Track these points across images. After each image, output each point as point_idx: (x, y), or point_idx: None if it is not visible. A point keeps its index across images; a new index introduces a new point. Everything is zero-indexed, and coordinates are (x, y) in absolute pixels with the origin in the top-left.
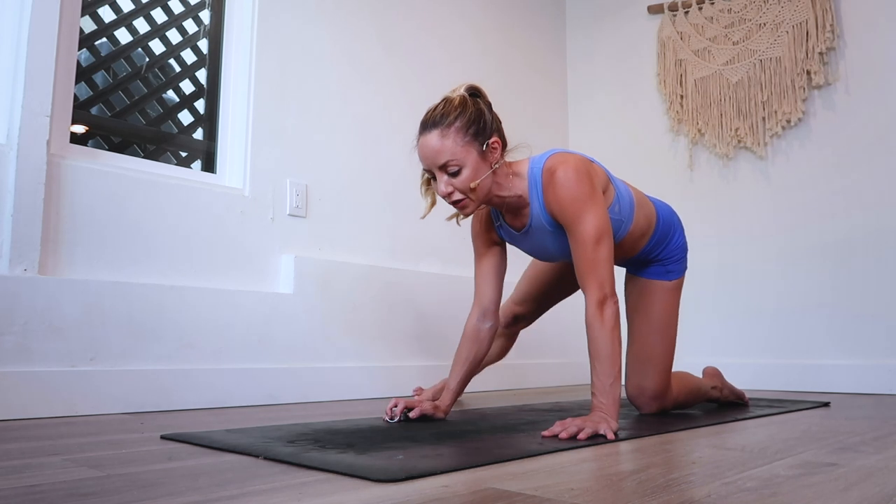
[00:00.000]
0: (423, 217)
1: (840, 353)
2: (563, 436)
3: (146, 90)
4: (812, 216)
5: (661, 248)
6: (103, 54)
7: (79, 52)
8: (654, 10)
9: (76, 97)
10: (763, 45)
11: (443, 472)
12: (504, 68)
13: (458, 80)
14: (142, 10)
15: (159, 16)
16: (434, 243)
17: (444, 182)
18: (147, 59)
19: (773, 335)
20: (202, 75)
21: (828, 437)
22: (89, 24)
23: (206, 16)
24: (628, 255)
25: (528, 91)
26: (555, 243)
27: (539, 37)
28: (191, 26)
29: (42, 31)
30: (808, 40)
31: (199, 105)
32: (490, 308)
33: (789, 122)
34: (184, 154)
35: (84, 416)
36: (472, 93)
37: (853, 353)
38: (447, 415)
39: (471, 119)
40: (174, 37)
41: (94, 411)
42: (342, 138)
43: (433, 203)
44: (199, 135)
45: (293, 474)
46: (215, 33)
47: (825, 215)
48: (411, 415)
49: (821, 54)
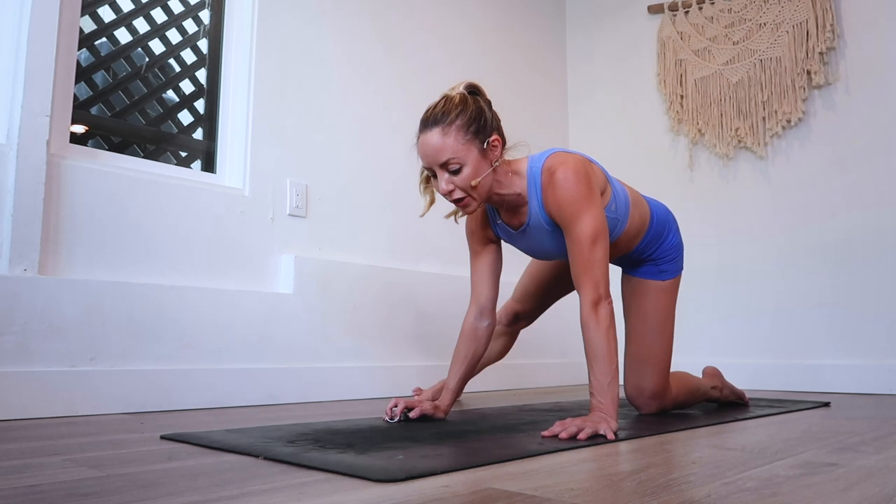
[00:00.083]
0: (423, 215)
1: (840, 353)
2: (563, 436)
3: (146, 90)
4: (812, 216)
5: (655, 247)
6: (103, 54)
7: (79, 52)
8: (654, 9)
9: (76, 97)
10: (763, 45)
11: (443, 472)
12: (504, 68)
13: (459, 80)
14: (142, 10)
15: (159, 16)
16: (434, 243)
17: (444, 180)
18: (147, 59)
19: (773, 335)
20: (202, 75)
21: (828, 437)
22: (89, 24)
23: (206, 16)
24: (622, 252)
25: (529, 91)
26: (552, 242)
27: (539, 37)
28: (191, 26)
29: (42, 31)
30: (808, 40)
31: (199, 105)
32: (487, 306)
33: (789, 122)
34: (184, 154)
35: (84, 416)
36: (472, 91)
37: (853, 353)
38: (447, 414)
39: (472, 117)
40: (174, 37)
41: (94, 411)
42: (342, 138)
43: (432, 201)
44: (199, 135)
45: (293, 474)
46: (215, 33)
47: (825, 215)
48: (411, 415)
49: (821, 54)
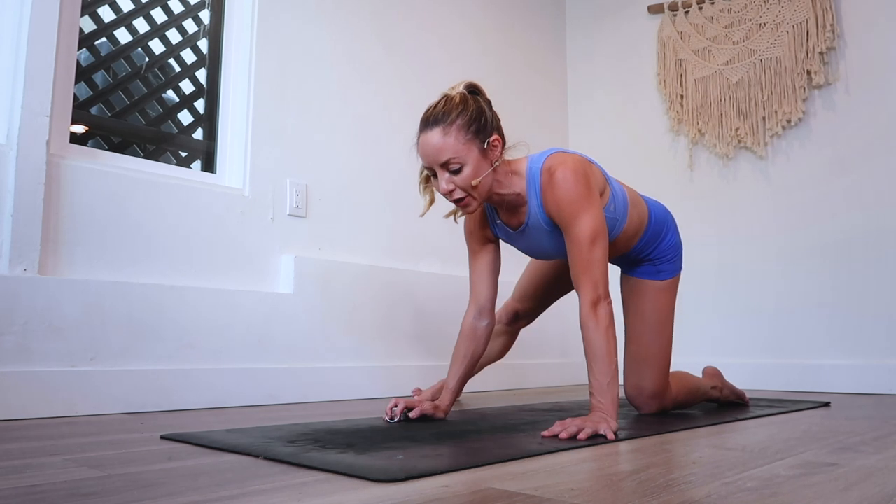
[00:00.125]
0: (422, 215)
1: (840, 353)
2: (563, 436)
3: (146, 90)
4: (812, 216)
5: (653, 247)
6: (103, 54)
7: (79, 52)
8: (654, 9)
9: (76, 97)
10: (763, 45)
11: (443, 472)
12: (504, 68)
13: (459, 80)
14: (142, 10)
15: (159, 16)
16: (434, 243)
17: (445, 180)
18: (147, 59)
19: (773, 335)
20: (202, 75)
21: (828, 437)
22: (89, 24)
23: (206, 16)
24: (620, 252)
25: (529, 91)
26: (551, 242)
27: (539, 37)
28: (191, 26)
29: (42, 31)
30: (808, 40)
31: (199, 105)
32: (486, 306)
33: (789, 121)
34: (184, 154)
35: (84, 416)
36: (472, 90)
37: (853, 353)
38: (447, 414)
39: (472, 117)
40: (174, 37)
41: (94, 411)
42: (342, 138)
43: (432, 201)
44: (199, 135)
45: (293, 474)
46: (215, 33)
47: (825, 215)
48: (411, 415)
49: (821, 54)
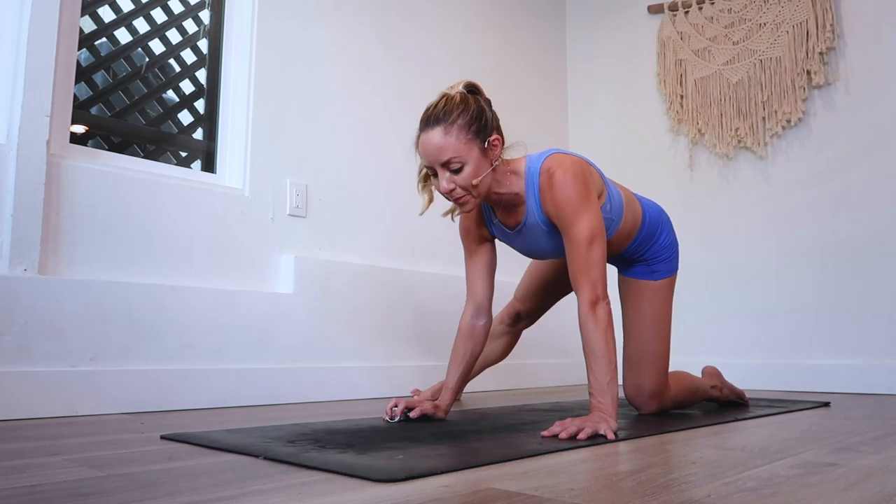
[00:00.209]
0: (421, 213)
1: (840, 353)
2: (563, 436)
3: (146, 90)
4: (812, 216)
5: (647, 247)
6: (103, 54)
7: (79, 52)
8: (654, 10)
9: (76, 97)
10: (763, 45)
11: (443, 472)
12: (504, 68)
13: (458, 80)
14: (142, 10)
15: (159, 16)
16: (434, 243)
17: (445, 179)
18: (147, 59)
19: (772, 335)
20: (202, 75)
21: (828, 437)
22: (89, 24)
23: (206, 16)
24: (614, 252)
25: (529, 91)
26: (548, 242)
27: (539, 37)
28: (191, 26)
29: (42, 31)
30: (808, 40)
31: (199, 105)
32: (483, 305)
33: (789, 122)
34: (184, 154)
35: (84, 416)
36: (471, 90)
37: (853, 353)
38: (447, 414)
39: (473, 116)
40: (174, 37)
41: (94, 411)
42: (342, 138)
43: (430, 200)
44: (199, 135)
45: (293, 474)
46: (215, 33)
47: (825, 215)
48: (412, 415)
49: (821, 54)
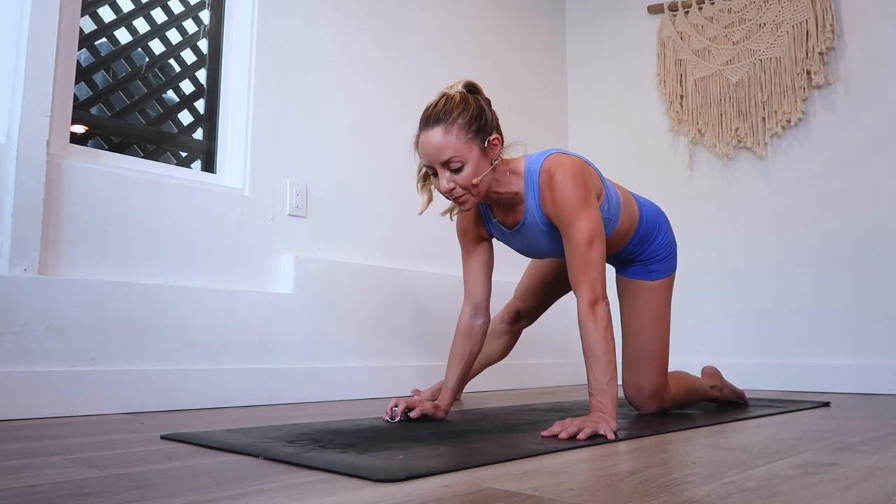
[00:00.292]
0: (421, 213)
1: (840, 353)
2: (563, 436)
3: (146, 90)
4: (812, 216)
5: (644, 247)
6: (103, 54)
7: (79, 52)
8: (654, 10)
9: (76, 97)
10: (763, 45)
11: (443, 472)
12: (504, 69)
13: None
14: (142, 10)
15: (159, 16)
16: (434, 243)
17: (446, 178)
18: (147, 59)
19: (772, 335)
20: (202, 75)
21: (828, 437)
22: (89, 24)
23: (206, 16)
24: (612, 252)
25: (529, 91)
26: (547, 241)
27: (539, 37)
28: (191, 26)
29: (42, 31)
30: (808, 40)
31: (199, 105)
32: (481, 304)
33: (789, 122)
34: (184, 154)
35: (84, 416)
36: (471, 89)
37: (853, 353)
38: (447, 414)
39: (473, 116)
40: (174, 37)
41: (94, 411)
42: (342, 138)
43: (430, 199)
44: (199, 135)
45: (293, 474)
46: (215, 33)
47: (825, 215)
48: (412, 415)
49: (821, 54)
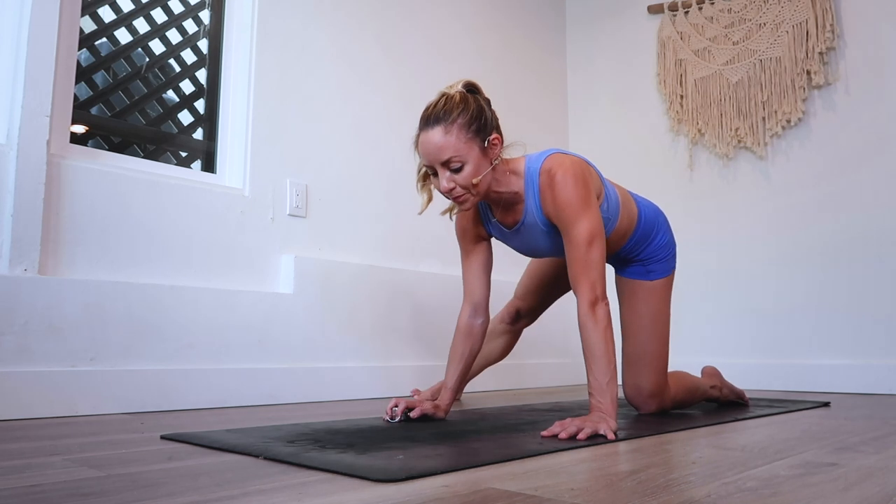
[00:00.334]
0: (421, 213)
1: (840, 353)
2: (563, 436)
3: (146, 90)
4: (812, 216)
5: (642, 247)
6: (103, 54)
7: (79, 52)
8: (654, 10)
9: (76, 97)
10: (763, 45)
11: (443, 472)
12: (504, 68)
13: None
14: (142, 10)
15: (159, 16)
16: (434, 243)
17: (446, 178)
18: (147, 59)
19: (772, 335)
20: (202, 75)
21: (828, 437)
22: (89, 24)
23: (206, 16)
24: (610, 251)
25: (529, 91)
26: (546, 241)
27: (539, 37)
28: (191, 26)
29: (42, 31)
30: (808, 40)
31: (199, 105)
32: (481, 303)
33: (789, 122)
34: (184, 154)
35: (84, 416)
36: (470, 89)
37: (853, 353)
38: (447, 413)
39: (473, 116)
40: (174, 37)
41: (94, 411)
42: (342, 138)
43: (430, 199)
44: (199, 135)
45: (293, 474)
46: (215, 33)
47: (825, 215)
48: (412, 414)
49: (821, 54)
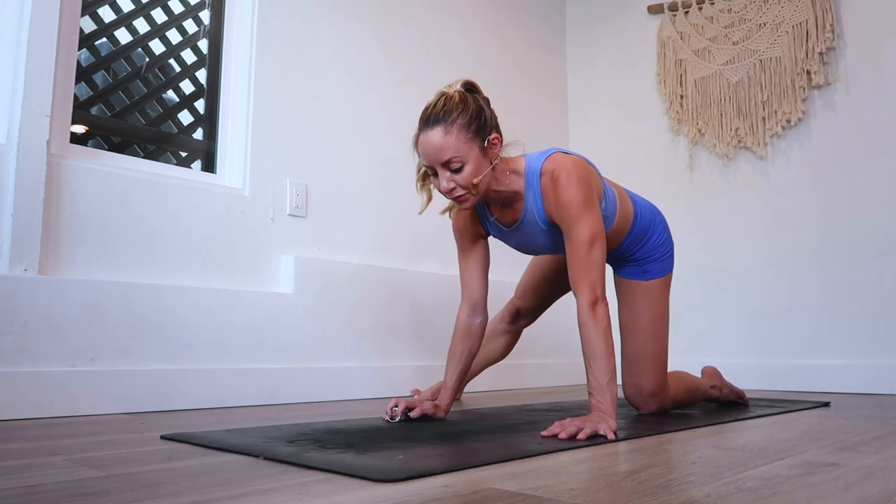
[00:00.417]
0: (420, 213)
1: (840, 353)
2: (563, 436)
3: (146, 90)
4: (812, 216)
5: (638, 247)
6: (103, 54)
7: (79, 52)
8: (654, 10)
9: (76, 97)
10: (763, 45)
11: (443, 472)
12: (504, 68)
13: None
14: (142, 10)
15: (159, 16)
16: (434, 243)
17: (446, 178)
18: (147, 59)
19: (772, 335)
20: (202, 75)
21: (828, 437)
22: (89, 24)
23: (206, 16)
24: (607, 250)
25: (529, 91)
26: (545, 239)
27: (539, 37)
28: (191, 26)
29: (42, 31)
30: (808, 40)
31: (199, 105)
32: (479, 302)
33: (789, 122)
34: (184, 154)
35: (84, 416)
36: (469, 88)
37: (853, 353)
38: (447, 413)
39: (473, 116)
40: (174, 37)
41: (94, 411)
42: (342, 138)
43: (429, 199)
44: (199, 135)
45: (293, 474)
46: (215, 33)
47: (825, 215)
48: (412, 414)
49: (821, 54)
